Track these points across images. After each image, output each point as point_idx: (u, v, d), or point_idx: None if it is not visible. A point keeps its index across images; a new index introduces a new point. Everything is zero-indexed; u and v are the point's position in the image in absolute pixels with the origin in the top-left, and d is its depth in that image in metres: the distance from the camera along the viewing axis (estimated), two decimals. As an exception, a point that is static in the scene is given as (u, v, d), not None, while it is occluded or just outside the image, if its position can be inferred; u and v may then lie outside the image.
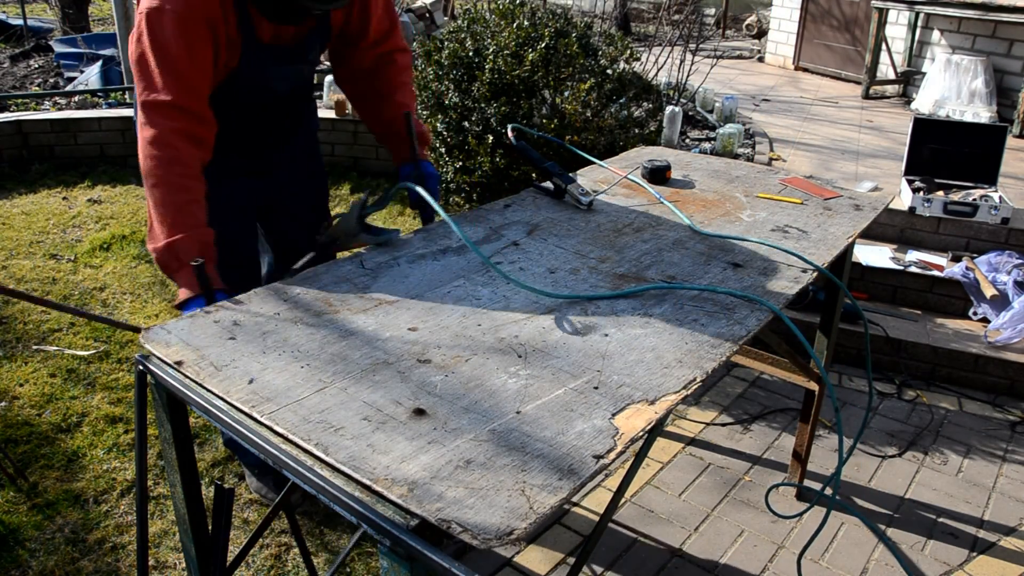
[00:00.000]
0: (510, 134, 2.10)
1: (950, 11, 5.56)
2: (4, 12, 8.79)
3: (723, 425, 2.85)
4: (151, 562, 2.11)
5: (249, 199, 2.11)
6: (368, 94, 2.05)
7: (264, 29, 1.80)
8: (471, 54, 3.35)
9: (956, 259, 3.50)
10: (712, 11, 10.46)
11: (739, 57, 8.17)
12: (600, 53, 3.46)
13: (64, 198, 4.55)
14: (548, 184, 2.02)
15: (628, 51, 3.57)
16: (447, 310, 1.44)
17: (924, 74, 5.94)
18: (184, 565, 2.10)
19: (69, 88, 5.81)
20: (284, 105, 2.05)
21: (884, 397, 3.07)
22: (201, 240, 1.60)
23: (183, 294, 1.56)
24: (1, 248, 3.88)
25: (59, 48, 6.54)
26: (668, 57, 5.22)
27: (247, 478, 2.40)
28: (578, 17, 4.63)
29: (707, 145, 4.66)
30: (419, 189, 1.72)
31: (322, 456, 1.05)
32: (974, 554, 2.27)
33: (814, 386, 2.32)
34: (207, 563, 1.45)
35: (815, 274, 1.66)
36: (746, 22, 9.98)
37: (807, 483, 2.53)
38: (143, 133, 1.62)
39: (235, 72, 1.79)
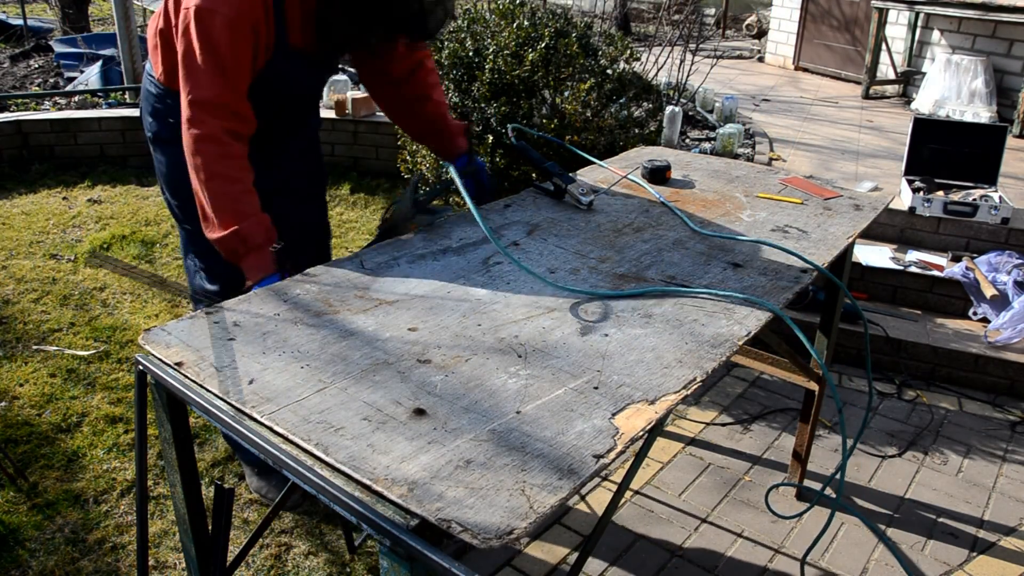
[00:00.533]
0: (510, 134, 2.11)
1: (950, 11, 5.56)
2: (4, 12, 8.79)
3: (723, 425, 2.85)
4: (151, 562, 2.11)
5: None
6: (406, 98, 2.08)
7: (295, 35, 1.82)
8: (471, 54, 3.35)
9: (956, 259, 3.50)
10: (712, 11, 10.46)
11: (739, 57, 8.17)
12: (600, 53, 3.46)
13: (64, 198, 4.55)
14: (548, 184, 2.03)
15: (628, 51, 3.57)
16: (447, 310, 1.44)
17: (924, 74, 5.94)
18: (184, 565, 2.10)
19: (69, 88, 5.81)
20: (298, 105, 2.08)
21: (884, 397, 3.07)
22: (264, 224, 1.68)
23: (254, 276, 1.63)
24: (1, 248, 3.89)
25: (59, 48, 6.54)
26: (668, 57, 5.22)
27: (247, 477, 2.40)
28: (578, 17, 4.63)
29: (707, 145, 4.66)
30: (456, 177, 1.80)
31: (322, 456, 1.05)
32: (974, 554, 2.27)
33: (814, 386, 2.32)
34: (207, 563, 1.45)
35: (815, 274, 1.66)
36: (746, 22, 9.99)
37: (807, 483, 2.53)
38: (193, 129, 1.66)
39: (262, 73, 1.81)
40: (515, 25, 3.36)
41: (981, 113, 5.41)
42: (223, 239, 1.65)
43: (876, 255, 3.56)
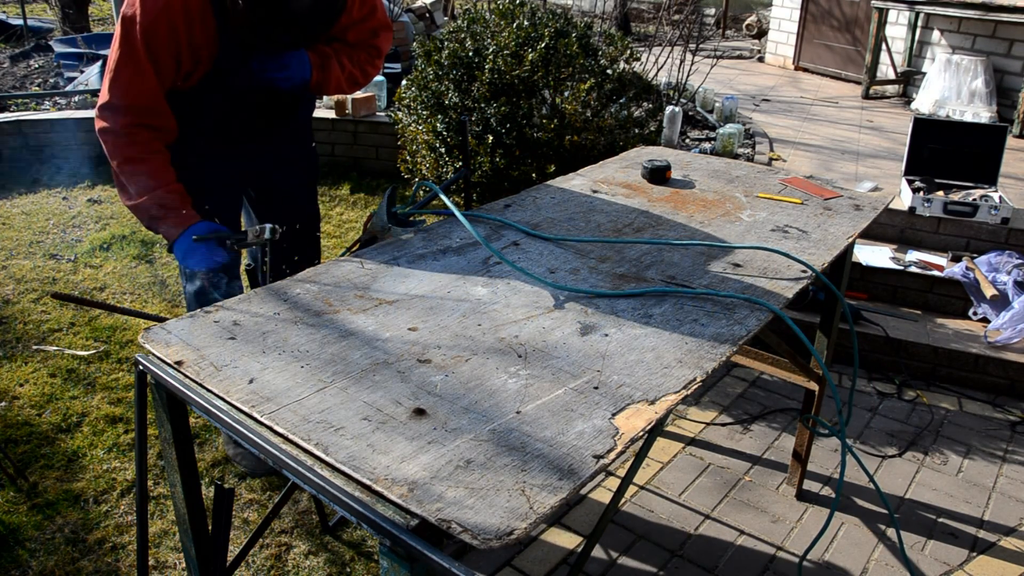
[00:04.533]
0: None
1: (950, 11, 5.56)
2: (4, 12, 8.79)
3: (723, 425, 2.85)
4: (151, 562, 2.11)
5: (235, 175, 2.24)
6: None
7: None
8: (471, 54, 3.35)
9: (956, 259, 3.50)
10: (712, 11, 10.46)
11: (739, 57, 8.17)
12: (600, 53, 3.46)
13: (64, 198, 4.55)
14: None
15: (628, 51, 3.57)
16: (447, 310, 1.44)
17: (924, 74, 5.94)
18: (184, 565, 2.10)
19: (69, 88, 5.81)
20: (271, 95, 2.13)
21: (884, 397, 3.07)
22: (176, 191, 1.88)
23: (171, 234, 1.85)
24: (1, 248, 3.88)
25: (59, 48, 6.54)
26: (668, 57, 5.22)
27: (224, 444, 2.48)
28: (578, 17, 4.63)
29: (707, 145, 4.66)
30: (440, 193, 1.85)
31: (322, 456, 1.05)
32: (974, 554, 2.27)
33: (814, 386, 2.32)
34: (207, 563, 1.45)
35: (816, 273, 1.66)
36: (746, 22, 9.98)
37: (807, 484, 2.53)
38: (99, 123, 1.86)
39: (217, 67, 1.92)
40: (515, 25, 3.37)
41: (981, 113, 5.41)
42: (137, 207, 1.86)
43: (876, 255, 3.56)
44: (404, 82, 3.68)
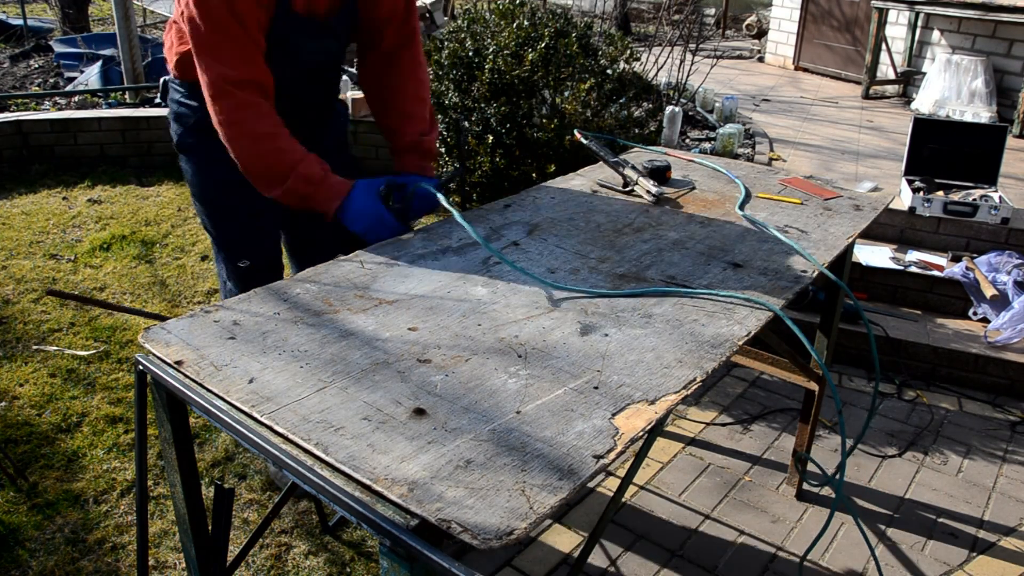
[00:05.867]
0: (578, 135, 2.26)
1: (950, 11, 5.56)
2: (4, 12, 8.79)
3: (723, 425, 2.85)
4: (151, 562, 2.11)
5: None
6: (386, 87, 2.05)
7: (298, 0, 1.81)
8: (471, 54, 3.35)
9: (956, 259, 3.50)
10: (712, 11, 10.46)
11: (739, 57, 8.17)
12: (600, 53, 3.46)
13: (64, 198, 4.55)
14: (607, 180, 2.08)
15: (628, 51, 3.57)
16: (447, 310, 1.44)
17: (924, 74, 5.94)
18: (184, 565, 2.10)
19: (69, 88, 5.81)
20: (311, 84, 2.04)
21: (884, 397, 3.07)
22: (314, 159, 1.75)
23: (331, 203, 1.74)
24: (1, 248, 3.88)
25: (59, 48, 6.54)
26: (668, 57, 5.22)
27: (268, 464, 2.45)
28: (578, 17, 4.63)
29: (707, 145, 4.66)
30: (438, 195, 1.82)
31: (322, 456, 1.05)
32: (974, 554, 2.27)
33: (814, 386, 2.32)
34: (207, 563, 1.45)
35: (816, 274, 1.66)
36: (746, 22, 9.98)
37: (807, 484, 2.53)
38: (220, 101, 1.71)
39: (267, 38, 1.80)
40: (515, 25, 3.37)
41: (981, 113, 5.41)
42: (285, 192, 1.73)
43: (876, 255, 3.56)
44: (404, 82, 3.67)
